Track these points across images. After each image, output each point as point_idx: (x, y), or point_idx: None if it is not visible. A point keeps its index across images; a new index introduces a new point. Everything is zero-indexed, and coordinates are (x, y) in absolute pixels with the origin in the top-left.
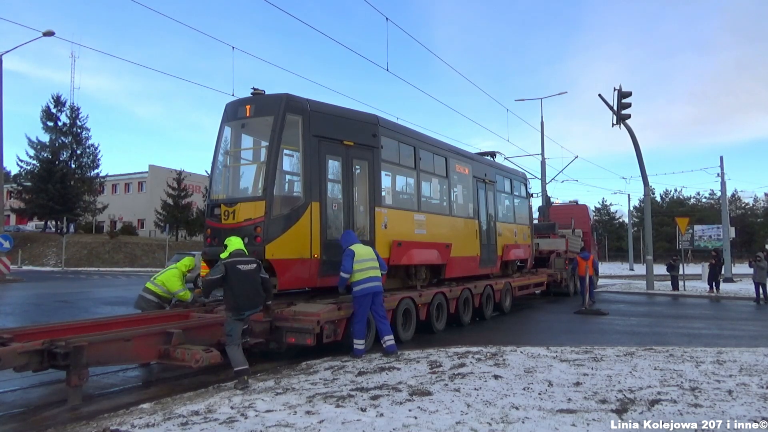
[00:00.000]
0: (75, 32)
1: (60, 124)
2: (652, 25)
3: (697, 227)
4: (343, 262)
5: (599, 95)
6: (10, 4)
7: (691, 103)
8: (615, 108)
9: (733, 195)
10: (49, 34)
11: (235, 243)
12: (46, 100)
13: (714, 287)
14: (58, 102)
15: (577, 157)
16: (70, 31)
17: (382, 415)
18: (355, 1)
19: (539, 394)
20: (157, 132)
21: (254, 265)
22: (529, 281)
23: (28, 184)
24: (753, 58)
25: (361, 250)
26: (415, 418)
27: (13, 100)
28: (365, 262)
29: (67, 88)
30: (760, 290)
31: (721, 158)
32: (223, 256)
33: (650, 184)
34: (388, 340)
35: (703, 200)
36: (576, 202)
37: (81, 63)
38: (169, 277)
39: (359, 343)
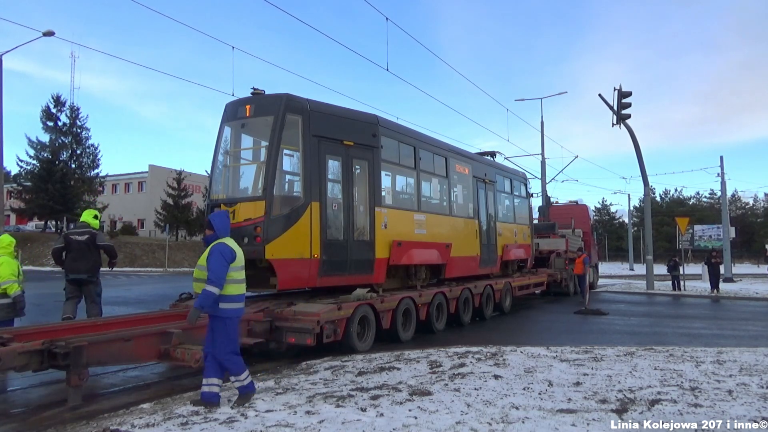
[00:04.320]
0: (79, 33)
1: (60, 124)
2: (658, 26)
3: (697, 227)
4: (215, 264)
5: (599, 95)
6: (12, 4)
7: (695, 103)
8: (615, 108)
9: (733, 195)
10: (49, 34)
11: (83, 216)
12: (46, 100)
13: (715, 287)
14: (58, 102)
15: (577, 157)
16: (75, 32)
17: (382, 415)
18: (356, 1)
19: (539, 394)
20: (157, 132)
21: (86, 236)
22: (529, 281)
23: (28, 184)
24: (759, 58)
25: (238, 249)
26: (415, 418)
27: (13, 100)
28: (243, 269)
29: (68, 88)
30: None
31: (721, 158)
32: None
33: (650, 184)
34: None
35: (703, 200)
36: (576, 202)
37: (85, 63)
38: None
39: (244, 378)
